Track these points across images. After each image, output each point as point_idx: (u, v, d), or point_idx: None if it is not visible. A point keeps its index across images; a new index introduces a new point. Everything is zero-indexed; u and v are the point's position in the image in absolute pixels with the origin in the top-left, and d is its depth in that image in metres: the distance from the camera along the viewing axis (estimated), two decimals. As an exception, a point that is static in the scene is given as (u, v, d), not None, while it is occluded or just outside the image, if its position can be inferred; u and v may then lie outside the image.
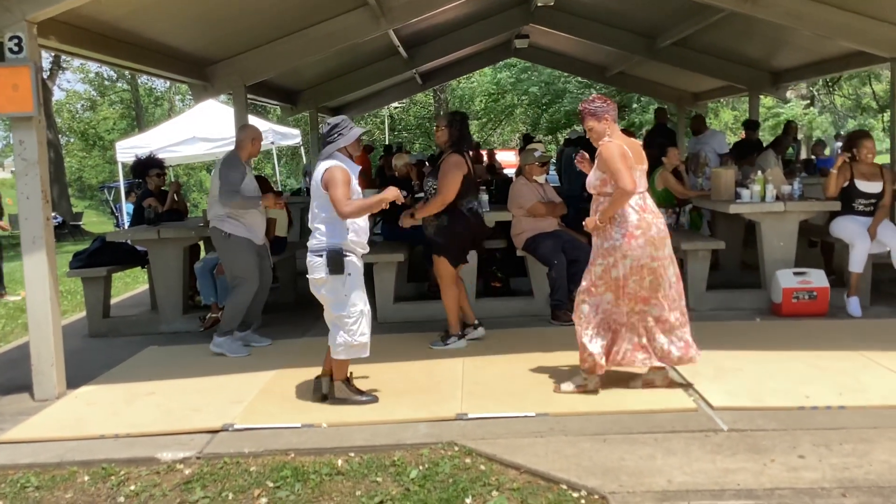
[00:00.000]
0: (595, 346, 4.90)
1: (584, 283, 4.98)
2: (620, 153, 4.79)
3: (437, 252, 6.24)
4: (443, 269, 6.23)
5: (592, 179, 4.98)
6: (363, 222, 4.95)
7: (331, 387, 5.00)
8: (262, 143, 6.91)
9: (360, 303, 4.86)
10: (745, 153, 10.55)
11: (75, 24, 6.10)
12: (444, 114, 6.74)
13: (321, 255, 4.80)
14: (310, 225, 4.96)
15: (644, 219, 4.84)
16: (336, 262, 4.76)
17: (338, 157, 4.90)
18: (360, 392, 5.03)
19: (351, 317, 4.83)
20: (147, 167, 8.53)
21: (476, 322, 6.46)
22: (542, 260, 7.06)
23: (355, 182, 4.90)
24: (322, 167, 4.84)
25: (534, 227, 7.15)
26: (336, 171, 4.78)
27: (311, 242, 4.90)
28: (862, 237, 6.92)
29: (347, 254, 4.83)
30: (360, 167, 4.97)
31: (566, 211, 7.52)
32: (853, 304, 6.86)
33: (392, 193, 4.89)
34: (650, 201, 4.97)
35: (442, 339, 6.30)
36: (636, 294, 4.85)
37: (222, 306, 7.08)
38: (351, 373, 5.08)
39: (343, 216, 4.76)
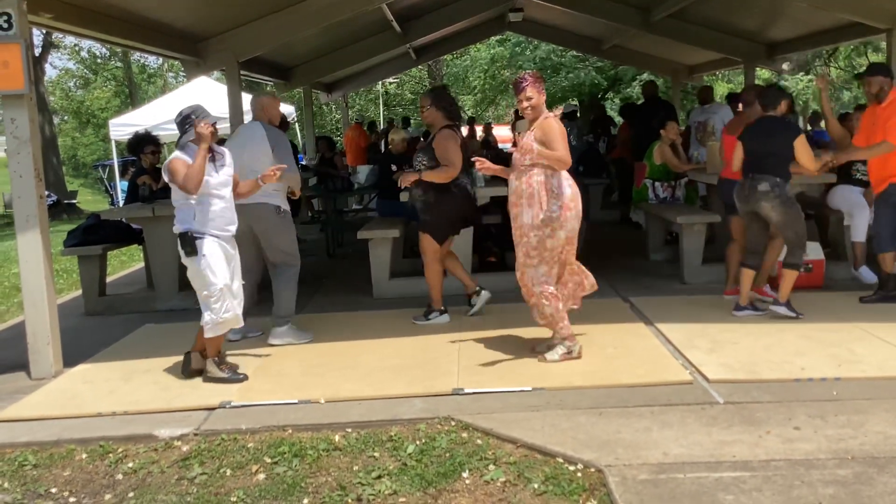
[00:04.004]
0: (564, 311, 5.20)
1: (519, 259, 5.20)
2: (562, 130, 5.06)
3: (422, 228, 6.23)
4: (426, 246, 6.22)
5: (534, 149, 5.05)
6: (217, 207, 4.97)
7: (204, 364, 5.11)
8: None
9: (219, 281, 4.91)
10: None
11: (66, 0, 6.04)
12: (426, 92, 6.61)
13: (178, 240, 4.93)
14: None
15: (576, 192, 5.09)
16: (188, 243, 4.87)
17: (189, 148, 4.93)
18: (233, 370, 5.10)
19: (212, 295, 4.92)
20: (141, 144, 8.46)
21: (477, 288, 6.45)
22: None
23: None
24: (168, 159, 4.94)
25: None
26: (174, 163, 4.87)
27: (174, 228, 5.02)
28: (861, 206, 6.95)
29: (199, 235, 4.89)
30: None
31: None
32: (865, 272, 6.86)
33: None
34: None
35: (424, 314, 6.32)
36: (564, 258, 5.17)
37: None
38: (224, 352, 5.20)
39: (190, 192, 4.82)
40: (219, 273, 4.91)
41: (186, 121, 4.91)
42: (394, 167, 8.13)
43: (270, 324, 5.95)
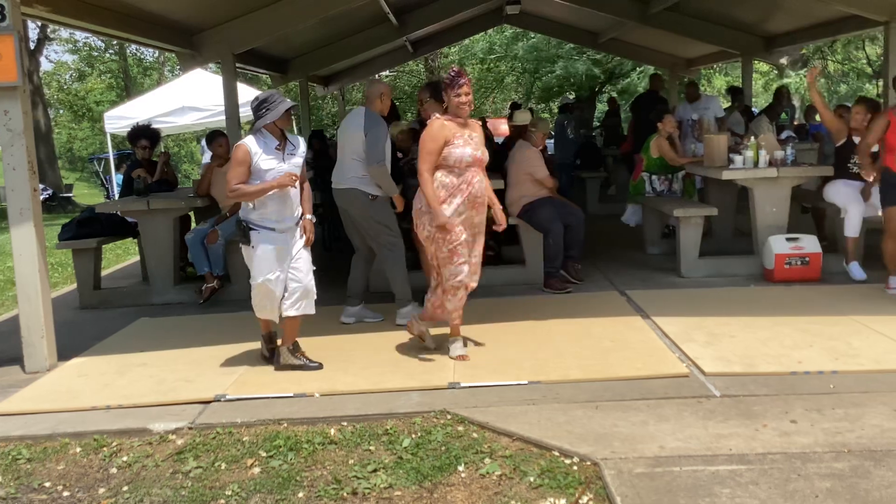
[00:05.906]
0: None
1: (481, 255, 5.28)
2: None
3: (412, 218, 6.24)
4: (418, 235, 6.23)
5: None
6: (275, 198, 4.91)
7: (276, 353, 5.16)
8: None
9: (260, 276, 4.91)
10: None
11: (60, -9, 6.00)
12: (425, 85, 6.64)
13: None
14: None
15: None
16: (242, 233, 4.92)
17: (262, 133, 4.90)
18: (307, 358, 5.12)
19: (252, 287, 4.97)
20: (137, 137, 8.40)
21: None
22: (540, 227, 7.03)
23: (268, 158, 4.86)
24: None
25: (534, 193, 7.13)
26: (238, 149, 4.84)
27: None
28: (856, 201, 6.93)
29: (255, 227, 4.88)
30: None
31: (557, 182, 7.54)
32: (855, 269, 6.85)
33: (286, 180, 4.87)
34: None
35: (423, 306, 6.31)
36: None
37: (217, 275, 7.05)
38: (296, 342, 5.19)
39: (228, 198, 4.85)
40: (264, 269, 4.90)
41: (262, 105, 4.88)
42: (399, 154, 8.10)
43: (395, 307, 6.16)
